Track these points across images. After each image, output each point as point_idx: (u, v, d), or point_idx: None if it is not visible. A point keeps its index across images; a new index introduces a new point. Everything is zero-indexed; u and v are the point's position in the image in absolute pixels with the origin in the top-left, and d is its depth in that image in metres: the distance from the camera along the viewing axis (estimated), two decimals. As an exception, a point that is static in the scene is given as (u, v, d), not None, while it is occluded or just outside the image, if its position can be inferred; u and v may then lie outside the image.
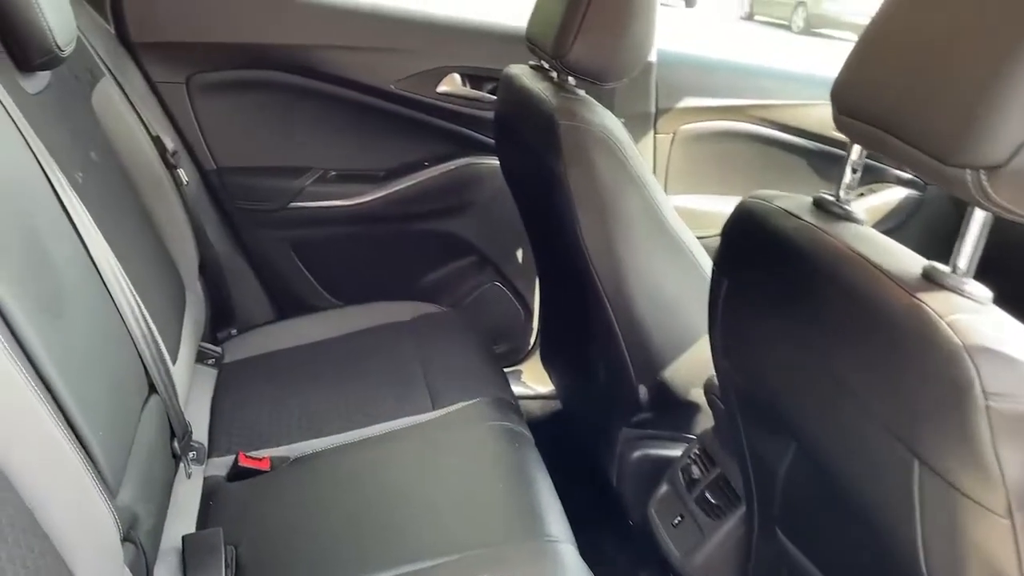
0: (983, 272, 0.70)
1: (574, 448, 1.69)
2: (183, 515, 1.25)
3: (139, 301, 1.24)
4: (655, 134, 1.99)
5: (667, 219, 1.36)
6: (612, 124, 1.35)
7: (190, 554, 1.14)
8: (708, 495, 1.30)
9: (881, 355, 0.69)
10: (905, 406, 0.66)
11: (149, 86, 1.75)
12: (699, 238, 1.45)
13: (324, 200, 1.91)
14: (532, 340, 2.14)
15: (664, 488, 1.41)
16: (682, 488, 1.37)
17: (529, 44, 1.51)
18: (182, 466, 1.31)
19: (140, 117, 1.60)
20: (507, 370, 1.76)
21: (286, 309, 1.99)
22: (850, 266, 0.72)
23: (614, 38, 1.34)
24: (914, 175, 1.92)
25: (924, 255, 0.74)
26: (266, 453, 1.40)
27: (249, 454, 1.39)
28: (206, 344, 1.70)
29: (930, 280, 0.69)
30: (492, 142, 1.92)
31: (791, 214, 0.84)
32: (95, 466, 0.95)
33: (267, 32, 1.81)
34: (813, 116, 2.00)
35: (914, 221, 1.94)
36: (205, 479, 1.35)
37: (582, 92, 1.43)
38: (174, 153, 1.67)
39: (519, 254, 2.07)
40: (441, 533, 1.19)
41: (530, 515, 1.22)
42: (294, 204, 1.89)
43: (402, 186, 1.94)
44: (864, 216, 0.82)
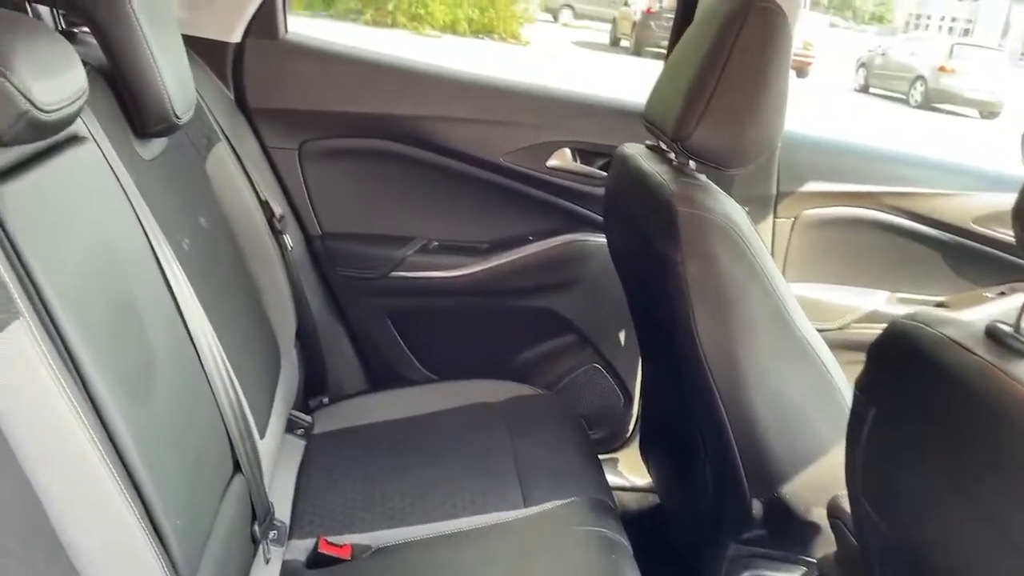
0: None
1: (673, 557, 1.56)
2: (258, 604, 1.19)
3: (232, 375, 1.20)
4: (775, 218, 1.87)
5: (793, 318, 1.24)
6: (735, 213, 1.25)
7: (261, 652, 1.07)
8: (829, 632, 1.16)
9: None
10: None
11: (262, 151, 1.76)
12: (819, 331, 1.33)
13: (425, 271, 1.87)
14: (631, 428, 2.03)
15: (777, 616, 1.27)
16: (798, 619, 1.22)
17: (647, 124, 1.43)
18: (261, 549, 1.25)
19: (251, 182, 1.60)
20: (602, 457, 1.65)
21: (379, 379, 1.95)
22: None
23: (742, 122, 1.25)
24: None
25: None
26: (347, 540, 1.33)
27: (330, 540, 1.32)
28: (296, 413, 1.66)
29: None
30: (600, 219, 1.85)
31: (959, 344, 0.72)
32: (169, 557, 0.90)
33: (378, 102, 1.81)
34: (950, 207, 1.85)
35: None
36: (284, 562, 1.29)
37: (703, 177, 1.34)
38: (281, 218, 1.67)
39: (621, 336, 1.97)
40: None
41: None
42: (395, 273, 1.86)
43: (504, 260, 1.88)
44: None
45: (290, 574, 1.27)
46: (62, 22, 1.22)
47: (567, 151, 1.85)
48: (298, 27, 1.84)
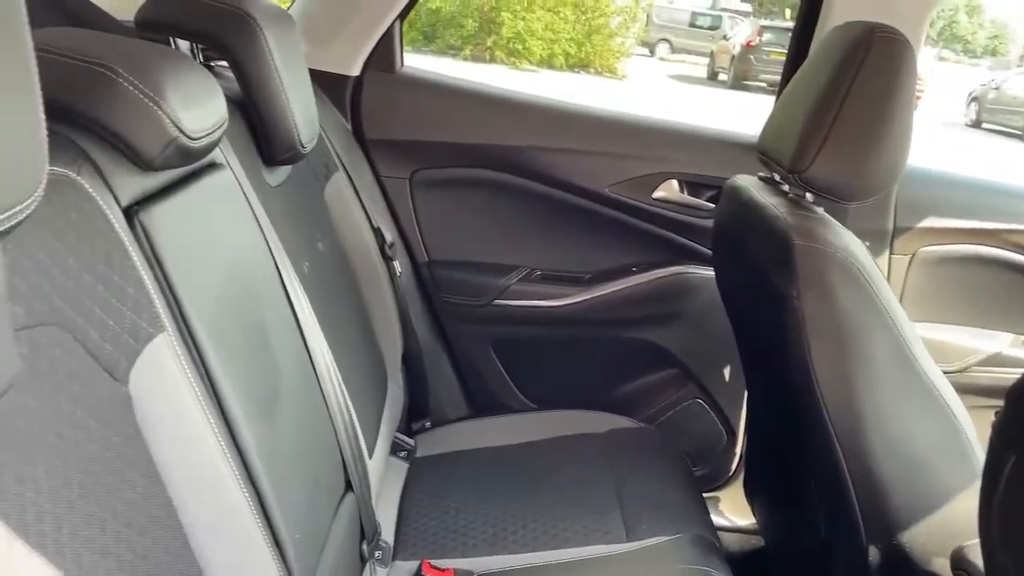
0: None
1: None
2: (363, 625, 1.21)
3: (347, 396, 1.23)
4: (891, 254, 1.81)
5: (917, 358, 1.19)
6: (855, 248, 1.22)
7: (366, 670, 1.09)
8: None
9: None
10: None
11: (376, 180, 1.82)
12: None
13: (527, 299, 1.88)
14: (734, 466, 1.97)
15: (895, 672, 1.20)
16: (919, 676, 1.16)
17: (761, 155, 1.41)
18: (367, 569, 1.27)
19: (365, 209, 1.66)
20: (703, 495, 1.61)
21: (480, 405, 1.97)
22: None
23: (863, 154, 1.22)
24: None
25: None
26: (450, 564, 1.34)
27: (433, 563, 1.33)
28: (400, 435, 1.69)
29: None
30: (707, 252, 1.83)
31: None
32: (288, 570, 0.93)
33: (487, 133, 1.84)
34: (1084, 246, 1.74)
35: None
36: (388, 584, 1.31)
37: (820, 210, 1.31)
38: (391, 245, 1.72)
39: (726, 372, 1.93)
40: None
41: None
42: (498, 301, 1.88)
43: (607, 291, 1.88)
44: None
45: (394, 594, 1.29)
46: (201, 56, 1.30)
47: (674, 183, 1.84)
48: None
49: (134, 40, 0.98)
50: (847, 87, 1.18)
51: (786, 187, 1.38)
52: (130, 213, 0.84)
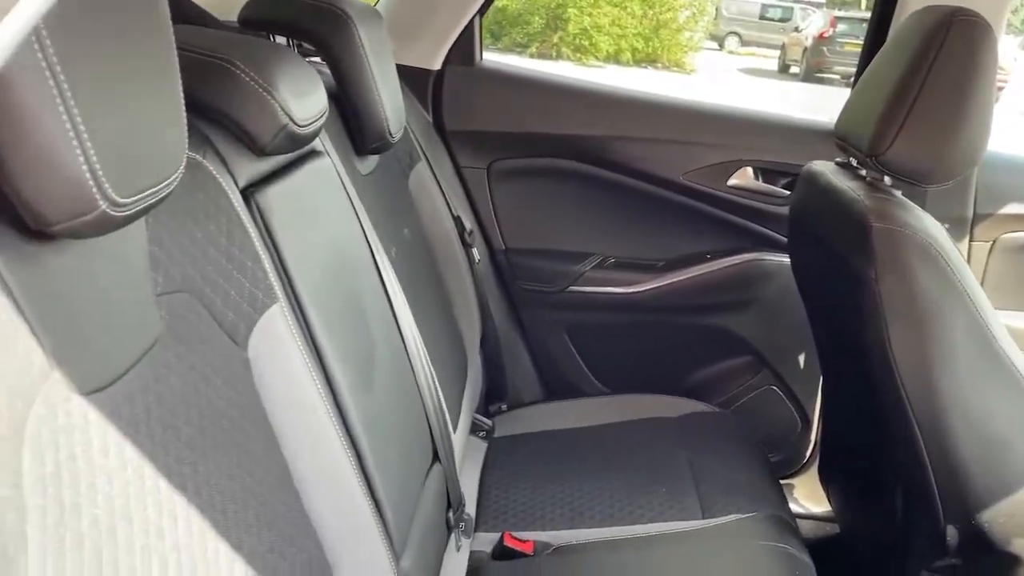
0: None
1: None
2: (450, 589, 1.27)
3: (433, 372, 1.30)
4: (971, 241, 1.79)
5: (998, 340, 1.19)
6: (935, 230, 1.22)
7: (455, 630, 1.15)
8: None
9: None
10: None
11: (455, 170, 1.88)
12: None
13: (601, 286, 1.92)
14: (808, 453, 1.98)
15: (973, 652, 1.21)
16: (998, 656, 1.16)
17: (838, 140, 1.42)
18: (453, 537, 1.34)
19: (446, 198, 1.72)
20: (778, 483, 1.63)
21: (554, 390, 2.01)
22: None
23: (943, 137, 1.22)
24: None
25: None
26: (530, 536, 1.39)
27: (514, 535, 1.39)
28: (479, 416, 1.75)
29: None
30: (781, 239, 1.84)
31: None
32: (386, 531, 0.99)
33: (563, 123, 1.88)
34: None
35: None
36: (471, 552, 1.37)
37: (898, 193, 1.32)
38: (470, 233, 1.78)
39: (800, 359, 1.94)
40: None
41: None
42: (573, 288, 1.92)
43: (681, 278, 1.90)
44: None
45: (477, 563, 1.34)
46: (296, 51, 1.38)
47: (749, 170, 1.86)
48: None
49: (247, 36, 1.06)
50: (927, 70, 1.19)
51: (864, 172, 1.39)
52: (247, 194, 0.91)
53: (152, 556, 0.63)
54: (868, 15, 1.87)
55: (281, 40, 1.36)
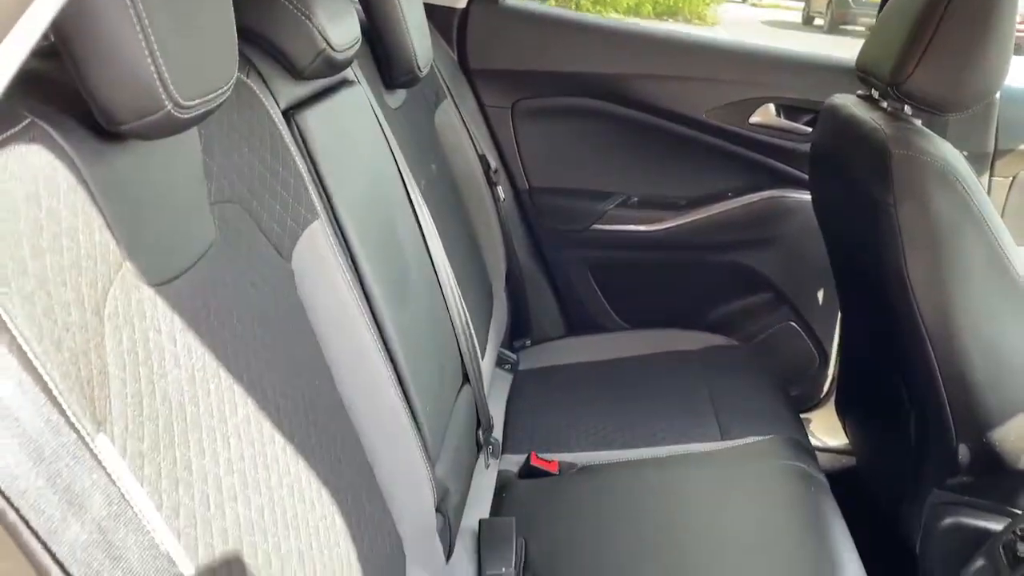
0: None
1: (870, 506, 1.56)
2: (479, 501, 1.33)
3: (462, 299, 1.35)
4: (991, 176, 1.80)
5: (1012, 263, 1.22)
6: (953, 157, 1.25)
7: (485, 538, 1.21)
8: (1039, 578, 1.14)
9: None
10: None
11: (480, 109, 1.91)
12: None
13: (624, 224, 1.95)
14: (826, 388, 2.02)
15: (980, 562, 1.25)
16: (1003, 566, 1.20)
17: (859, 72, 1.44)
18: (481, 456, 1.40)
19: (471, 136, 1.76)
20: (796, 416, 1.67)
21: (577, 326, 2.06)
22: None
23: (964, 62, 1.24)
24: None
25: None
26: (555, 457, 1.45)
27: (540, 455, 1.45)
28: (504, 351, 1.81)
29: None
30: (802, 176, 1.86)
31: None
32: (421, 437, 1.05)
33: (587, 62, 1.90)
34: None
35: None
36: (499, 472, 1.43)
37: (918, 122, 1.34)
38: (495, 171, 1.82)
39: (820, 295, 1.97)
40: (727, 563, 1.16)
41: (825, 560, 1.15)
42: (596, 226, 1.96)
43: (703, 215, 1.93)
44: None
45: (505, 481, 1.41)
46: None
47: (771, 107, 1.87)
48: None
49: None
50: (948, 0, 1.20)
51: (884, 103, 1.40)
52: (287, 115, 0.96)
53: (216, 436, 0.69)
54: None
55: None
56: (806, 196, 1.82)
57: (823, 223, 1.66)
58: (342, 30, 1.02)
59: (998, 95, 1.75)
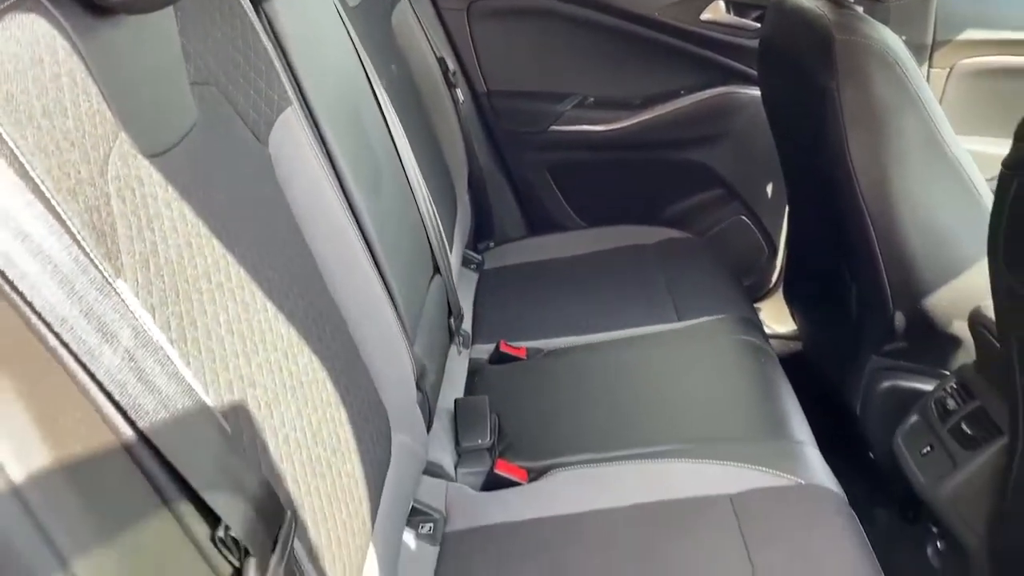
0: None
1: (816, 380, 1.68)
2: (454, 384, 1.41)
3: (429, 194, 1.40)
4: (930, 67, 1.88)
5: (947, 143, 1.30)
6: (894, 42, 1.31)
7: (461, 414, 1.29)
8: (964, 426, 1.26)
9: None
10: None
11: (436, 10, 1.92)
12: None
13: (581, 124, 2.00)
14: (775, 278, 2.12)
15: (914, 418, 1.37)
16: (934, 419, 1.32)
17: (806, -35, 1.49)
18: (453, 345, 1.47)
19: (428, 38, 1.77)
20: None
21: (538, 227, 2.12)
22: None
23: (902, -50, 1.30)
24: None
25: None
26: (523, 344, 1.53)
27: (509, 343, 1.52)
28: (468, 251, 1.86)
29: None
30: (752, 72, 1.91)
31: None
32: (398, 315, 1.11)
33: None
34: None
35: None
36: (470, 359, 1.51)
37: (860, 9, 1.40)
38: (454, 73, 1.84)
39: (768, 189, 2.05)
40: (688, 425, 1.26)
41: (774, 418, 1.26)
42: (553, 127, 2.00)
43: (656, 114, 1.99)
44: None
45: (476, 367, 1.49)
46: None
47: (721, 4, 1.91)
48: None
49: None
50: None
51: (829, -7, 1.46)
52: (255, 3, 0.98)
53: (215, 298, 0.74)
54: None
55: None
56: (755, 91, 1.88)
57: (771, 116, 1.72)
58: None
59: (937, -15, 1.82)
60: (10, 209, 0.50)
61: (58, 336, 0.50)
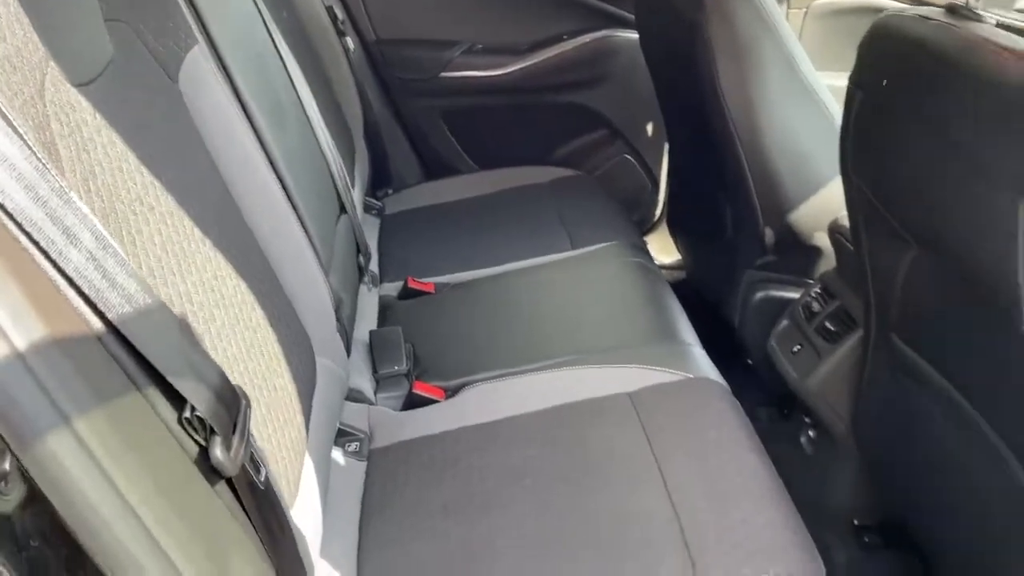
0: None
1: (699, 299, 1.83)
2: (366, 319, 1.47)
3: (330, 135, 1.44)
4: (788, 8, 2.04)
5: (800, 68, 1.45)
6: (752, -21, 1.44)
7: (376, 344, 1.36)
8: (827, 323, 1.42)
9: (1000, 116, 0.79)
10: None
11: None
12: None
13: (470, 71, 2.07)
14: (658, 212, 2.27)
15: (784, 323, 1.53)
16: (802, 320, 1.48)
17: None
18: (362, 284, 1.52)
19: (316, -14, 1.79)
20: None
21: (434, 172, 2.19)
22: (980, 51, 0.82)
23: None
24: None
25: None
26: (430, 280, 1.61)
27: (416, 279, 1.59)
28: (369, 199, 1.91)
29: None
30: (630, 16, 2.02)
31: (927, 18, 0.93)
32: (314, 248, 1.16)
33: None
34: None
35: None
36: (380, 297, 1.57)
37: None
38: (343, 22, 1.87)
39: (649, 128, 2.18)
40: (587, 336, 1.37)
41: (663, 324, 1.39)
42: (444, 74, 2.06)
43: (541, 58, 2.08)
44: (992, 16, 0.91)
45: (386, 304, 1.55)
46: None
47: (599, -50, 2.00)
48: None
49: None
50: None
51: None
52: None
53: (149, 220, 0.78)
54: None
55: None
56: (634, 35, 1.99)
57: (649, 56, 1.84)
58: None
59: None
60: None
61: (29, 236, 0.54)
